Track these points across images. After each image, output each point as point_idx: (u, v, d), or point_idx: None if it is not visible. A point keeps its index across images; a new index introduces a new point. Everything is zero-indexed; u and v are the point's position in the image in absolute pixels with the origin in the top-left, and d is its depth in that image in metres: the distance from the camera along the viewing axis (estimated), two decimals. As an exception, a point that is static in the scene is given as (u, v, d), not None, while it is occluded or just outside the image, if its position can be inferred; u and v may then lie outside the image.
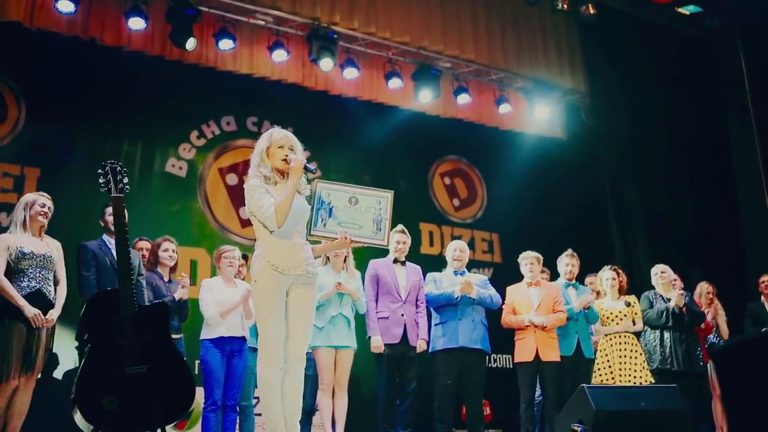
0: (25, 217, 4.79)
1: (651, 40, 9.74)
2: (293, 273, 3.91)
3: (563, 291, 6.28)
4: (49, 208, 4.92)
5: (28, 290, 4.68)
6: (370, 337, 5.75)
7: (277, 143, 3.97)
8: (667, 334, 6.40)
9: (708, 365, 6.84)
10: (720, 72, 10.02)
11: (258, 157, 3.98)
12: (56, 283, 4.87)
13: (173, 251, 5.68)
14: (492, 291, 6.00)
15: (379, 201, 4.22)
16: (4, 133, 6.81)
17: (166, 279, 5.63)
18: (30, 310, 4.55)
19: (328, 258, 5.74)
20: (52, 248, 4.88)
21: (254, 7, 7.38)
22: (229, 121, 8.04)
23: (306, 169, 3.93)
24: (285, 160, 3.94)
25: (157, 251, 5.64)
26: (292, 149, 3.99)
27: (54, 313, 4.82)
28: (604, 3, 9.20)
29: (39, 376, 4.75)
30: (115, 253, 4.91)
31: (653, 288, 6.71)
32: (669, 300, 6.51)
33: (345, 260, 5.80)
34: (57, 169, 6.91)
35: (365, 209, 4.19)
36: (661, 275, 6.67)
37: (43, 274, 4.77)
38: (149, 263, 5.66)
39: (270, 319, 3.87)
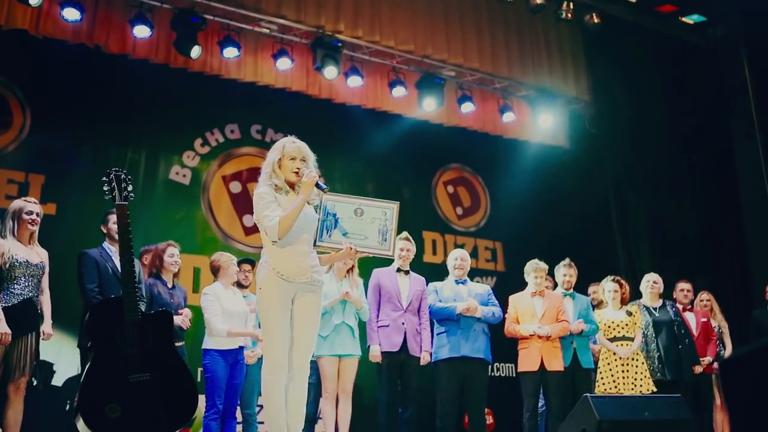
0: (13, 225, 4.78)
1: (655, 48, 9.74)
2: (298, 280, 3.92)
3: (561, 301, 6.28)
4: (37, 214, 4.90)
5: (20, 299, 4.69)
6: (369, 346, 5.74)
7: (290, 155, 3.99)
8: (653, 345, 6.39)
9: (711, 375, 6.84)
10: (724, 81, 10.02)
11: (270, 168, 3.99)
12: (41, 292, 4.88)
13: (178, 257, 5.64)
14: (495, 307, 6.00)
15: (385, 212, 4.23)
16: (9, 140, 6.83)
17: (169, 285, 5.58)
18: (3, 327, 4.53)
19: (331, 265, 5.74)
20: (43, 257, 4.89)
21: (259, 15, 7.39)
22: (233, 129, 8.05)
23: (317, 186, 3.95)
24: (296, 172, 3.97)
25: (162, 256, 5.57)
26: (304, 161, 4.00)
27: (48, 328, 4.86)
28: (608, 12, 9.20)
29: (26, 383, 4.73)
30: (116, 261, 4.93)
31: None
32: (655, 310, 6.52)
33: (351, 269, 5.80)
34: (61, 176, 6.93)
35: (371, 220, 4.19)
36: (653, 285, 6.66)
37: (33, 284, 4.80)
38: (153, 269, 5.63)
39: (275, 327, 3.87)
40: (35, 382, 4.90)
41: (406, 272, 5.98)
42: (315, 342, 4.13)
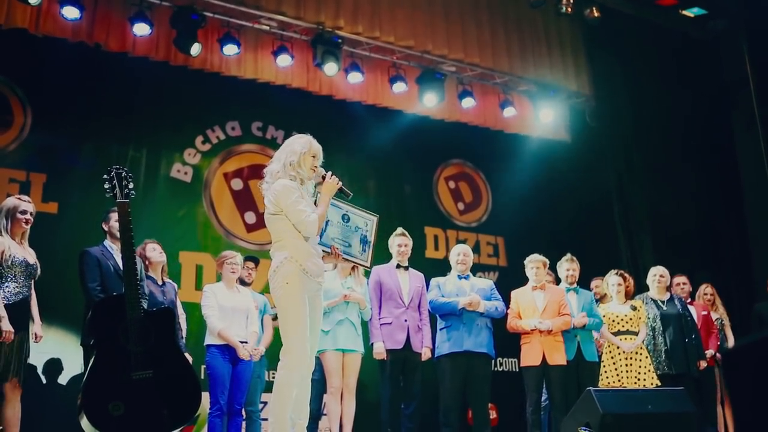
0: (7, 224, 4.77)
1: (655, 42, 9.72)
2: (317, 279, 3.98)
3: (564, 296, 6.27)
4: (31, 213, 4.88)
5: (18, 298, 4.71)
6: (372, 344, 5.74)
7: (313, 152, 4.07)
8: (661, 338, 6.40)
9: (714, 368, 6.84)
10: (725, 74, 10.00)
11: (296, 158, 4.01)
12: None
13: (161, 251, 5.55)
14: (497, 302, 6.00)
15: (366, 222, 4.37)
16: (10, 138, 6.84)
17: (159, 282, 5.51)
18: (6, 325, 4.55)
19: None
20: (35, 258, 4.90)
21: (258, 12, 7.38)
22: (234, 126, 8.05)
23: (341, 191, 4.10)
24: (313, 169, 4.06)
25: (144, 254, 5.48)
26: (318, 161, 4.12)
27: (39, 330, 4.89)
28: (608, 6, 9.17)
29: (22, 382, 4.76)
30: (117, 258, 4.93)
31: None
32: (663, 303, 6.53)
33: (355, 267, 5.80)
34: (63, 174, 6.94)
35: (355, 228, 4.30)
36: (659, 279, 6.66)
37: (28, 284, 4.81)
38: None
39: (301, 323, 3.89)
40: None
41: (406, 268, 5.98)
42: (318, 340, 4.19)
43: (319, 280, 3.99)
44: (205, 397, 5.38)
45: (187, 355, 5.47)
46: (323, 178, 4.10)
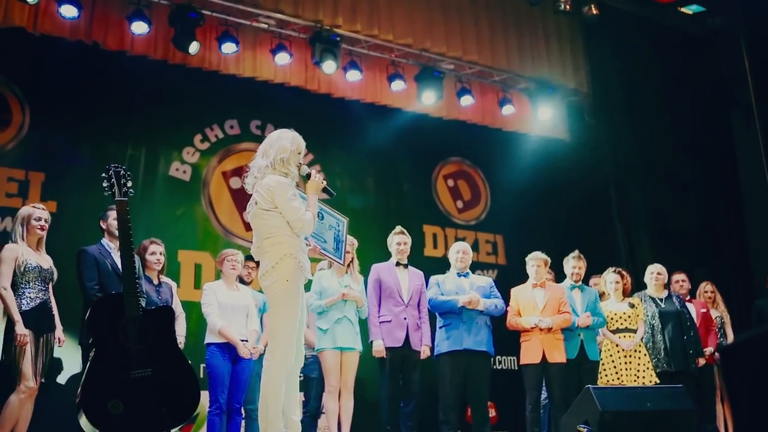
0: (23, 231, 4.94)
1: (654, 39, 9.72)
2: (307, 275, 4.00)
3: (569, 293, 6.27)
4: (45, 220, 5.03)
5: (36, 302, 4.85)
6: (372, 342, 5.75)
7: (299, 149, 4.09)
8: (659, 336, 6.40)
9: (713, 366, 6.84)
10: (723, 71, 10.01)
11: (287, 154, 4.01)
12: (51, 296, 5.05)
13: (161, 254, 5.52)
14: (497, 300, 6.00)
15: (339, 223, 4.45)
16: (9, 137, 6.83)
17: (155, 282, 5.50)
18: (21, 329, 4.69)
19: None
20: (51, 263, 5.05)
21: (257, 10, 7.38)
22: (233, 124, 8.04)
23: (325, 190, 4.14)
24: (298, 166, 4.08)
25: (143, 255, 5.45)
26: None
27: (61, 334, 5.06)
28: (607, 3, 9.18)
29: (39, 384, 4.91)
30: (115, 257, 4.98)
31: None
32: (661, 301, 6.53)
33: (350, 264, 5.79)
34: (61, 173, 6.93)
35: (329, 227, 4.37)
36: (657, 276, 6.66)
37: (46, 287, 4.95)
38: None
39: (292, 322, 3.90)
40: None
41: (405, 266, 5.98)
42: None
43: (308, 276, 4.02)
44: (204, 395, 5.38)
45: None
46: (308, 176, 4.11)
